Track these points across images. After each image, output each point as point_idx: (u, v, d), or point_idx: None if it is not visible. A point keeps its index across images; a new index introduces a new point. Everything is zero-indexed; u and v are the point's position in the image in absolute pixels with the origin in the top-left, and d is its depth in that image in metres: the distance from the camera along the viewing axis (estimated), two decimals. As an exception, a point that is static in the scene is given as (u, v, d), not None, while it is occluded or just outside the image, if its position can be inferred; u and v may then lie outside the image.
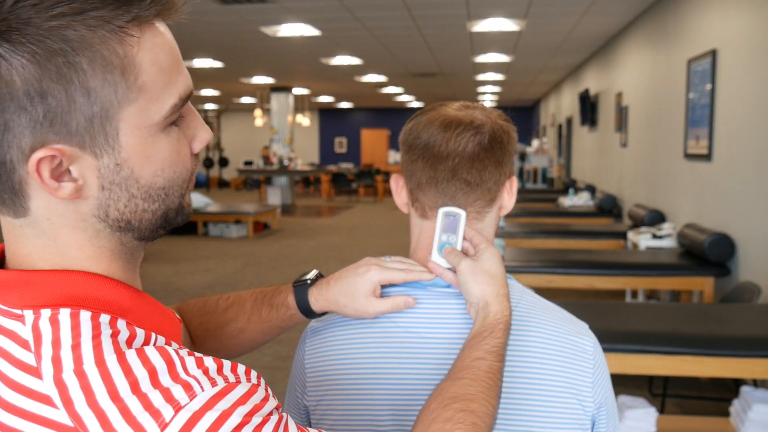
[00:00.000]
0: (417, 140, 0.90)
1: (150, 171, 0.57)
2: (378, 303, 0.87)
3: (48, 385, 0.50)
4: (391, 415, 0.86)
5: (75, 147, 0.54)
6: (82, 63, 0.52)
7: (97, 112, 0.53)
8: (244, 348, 0.95)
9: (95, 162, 0.55)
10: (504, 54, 9.57)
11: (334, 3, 6.23)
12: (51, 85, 0.51)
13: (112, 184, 0.56)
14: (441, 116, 0.90)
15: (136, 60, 0.54)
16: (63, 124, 0.52)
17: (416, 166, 0.90)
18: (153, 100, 0.56)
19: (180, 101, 0.58)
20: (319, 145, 23.17)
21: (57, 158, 0.53)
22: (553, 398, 0.84)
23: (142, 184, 0.57)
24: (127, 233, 0.59)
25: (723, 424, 2.85)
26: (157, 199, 0.59)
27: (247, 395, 0.52)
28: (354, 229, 11.10)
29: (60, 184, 0.54)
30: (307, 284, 0.91)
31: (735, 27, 4.07)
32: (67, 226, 0.57)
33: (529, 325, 0.88)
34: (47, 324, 0.52)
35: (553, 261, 4.16)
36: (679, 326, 2.81)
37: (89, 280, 0.56)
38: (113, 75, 0.53)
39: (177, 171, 0.60)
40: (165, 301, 0.66)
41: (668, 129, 5.42)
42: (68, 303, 0.54)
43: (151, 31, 0.55)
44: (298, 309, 0.91)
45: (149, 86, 0.55)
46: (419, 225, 0.94)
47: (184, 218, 0.63)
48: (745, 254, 3.85)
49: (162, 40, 0.57)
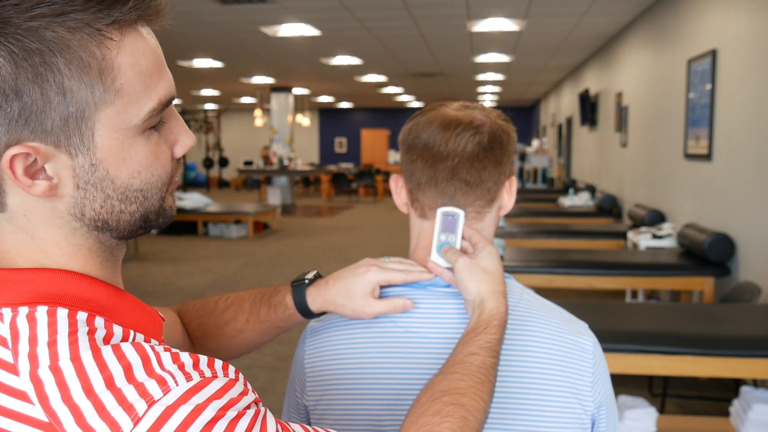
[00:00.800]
0: (416, 140, 0.90)
1: (126, 173, 0.58)
2: (376, 304, 0.87)
3: (24, 381, 0.51)
4: (391, 414, 0.86)
5: (50, 146, 0.54)
6: (58, 63, 0.52)
7: (73, 112, 0.54)
8: (243, 348, 0.95)
9: (70, 161, 0.55)
10: (504, 54, 9.57)
11: (334, 3, 6.23)
12: (27, 84, 0.52)
13: (87, 184, 0.56)
14: (441, 116, 0.90)
15: (114, 63, 0.54)
16: (38, 122, 0.53)
17: (416, 166, 0.90)
18: (131, 103, 0.56)
19: (160, 105, 0.58)
20: (319, 145, 23.17)
21: (31, 156, 0.54)
22: (552, 397, 0.84)
23: (118, 186, 0.58)
24: (105, 232, 0.60)
25: (723, 424, 2.85)
26: (134, 201, 0.59)
27: (223, 390, 0.53)
28: (354, 229, 11.10)
29: (34, 181, 0.54)
30: (305, 284, 0.92)
31: (735, 27, 4.07)
32: (44, 223, 0.57)
33: (529, 325, 0.88)
34: (24, 321, 0.52)
35: (553, 261, 4.16)
36: (679, 326, 2.81)
37: (67, 277, 0.57)
38: (90, 77, 0.53)
39: (155, 174, 0.60)
40: (165, 302, 0.66)
41: (668, 129, 5.42)
42: (46, 301, 0.54)
43: (132, 35, 0.56)
44: (296, 309, 0.91)
45: (127, 89, 0.55)
46: (419, 225, 0.94)
47: (166, 220, 0.63)
48: (745, 254, 3.85)
49: (143, 44, 0.57)
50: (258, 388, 3.87)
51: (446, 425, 0.67)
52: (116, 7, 0.54)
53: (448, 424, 0.67)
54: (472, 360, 0.75)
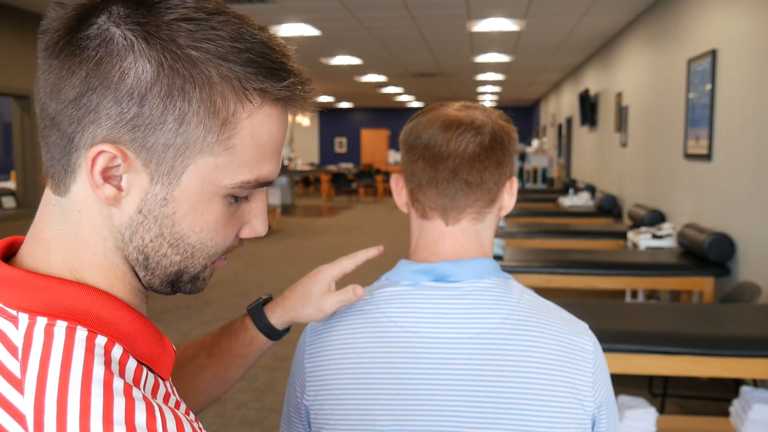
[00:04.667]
0: (417, 140, 0.90)
1: (189, 223, 0.57)
2: (332, 296, 0.90)
3: (27, 404, 0.49)
4: (391, 414, 0.86)
5: (139, 160, 0.54)
6: (193, 96, 0.53)
7: (179, 143, 0.54)
8: (210, 388, 0.91)
9: (148, 185, 0.55)
10: (504, 54, 9.57)
11: (334, 3, 6.23)
12: (155, 98, 0.52)
13: (150, 213, 0.56)
14: (441, 116, 0.90)
15: (240, 123, 0.55)
16: (143, 135, 0.53)
17: (417, 167, 0.90)
18: (232, 165, 0.56)
19: (255, 182, 0.58)
20: (319, 145, 23.17)
21: (117, 159, 0.53)
22: (553, 398, 0.84)
23: (176, 231, 0.57)
24: (141, 270, 0.59)
25: (723, 424, 2.85)
26: (181, 253, 0.58)
27: None
28: (354, 229, 11.10)
29: (105, 183, 0.54)
30: (261, 302, 0.93)
31: (735, 27, 4.07)
32: (93, 225, 0.57)
33: (529, 325, 0.88)
34: (41, 334, 0.51)
35: (553, 261, 4.16)
36: (679, 326, 2.81)
37: (93, 295, 0.55)
38: (212, 122, 0.54)
39: (214, 239, 0.59)
40: (165, 302, 0.65)
41: (668, 129, 5.42)
42: (66, 316, 0.53)
43: (270, 109, 0.57)
44: (257, 329, 0.91)
45: (237, 152, 0.56)
46: (419, 225, 0.94)
47: (194, 289, 0.63)
48: (745, 254, 3.85)
49: (274, 123, 0.58)
50: (258, 389, 3.87)
51: None
52: (271, 79, 0.55)
53: None
54: None
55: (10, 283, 0.54)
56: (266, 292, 0.98)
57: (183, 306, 5.68)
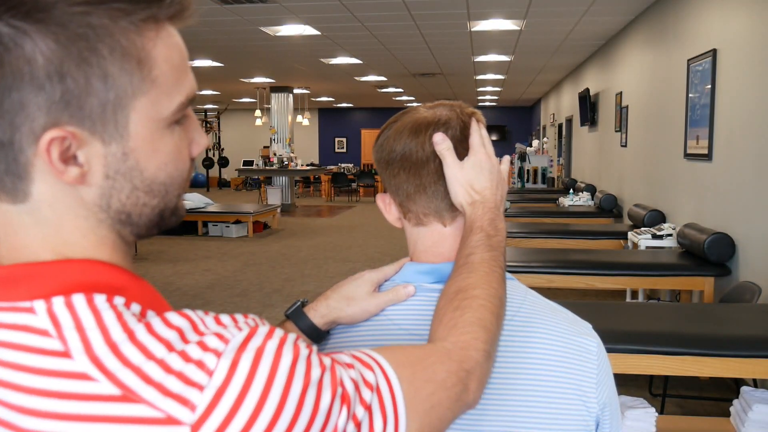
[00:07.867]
0: (392, 154, 0.90)
1: (154, 164, 0.59)
2: (379, 296, 0.89)
3: (81, 362, 0.50)
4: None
5: (86, 131, 0.54)
6: (102, 49, 0.53)
7: (111, 98, 0.54)
8: None
9: (103, 149, 0.56)
10: (504, 54, 9.57)
11: (334, 3, 6.23)
12: (71, 68, 0.52)
13: (116, 174, 0.57)
14: (408, 123, 0.90)
15: (151, 54, 0.56)
16: (78, 107, 0.53)
17: (400, 179, 0.90)
18: (163, 94, 0.57)
19: (187, 100, 0.60)
20: (319, 145, 23.17)
21: (67, 140, 0.54)
22: (557, 399, 0.84)
23: (146, 177, 0.58)
24: (127, 227, 0.60)
25: (723, 424, 2.84)
26: (157, 195, 0.60)
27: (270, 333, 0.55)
28: (354, 229, 11.10)
29: (67, 167, 0.54)
30: (298, 304, 0.92)
31: (735, 27, 4.07)
32: (70, 213, 0.57)
33: (533, 326, 0.88)
34: (64, 309, 0.52)
35: (553, 261, 4.16)
36: (679, 326, 2.81)
37: (97, 267, 0.57)
38: (130, 64, 0.55)
39: (178, 168, 0.61)
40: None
41: (668, 129, 5.42)
42: (79, 289, 0.54)
43: (165, 30, 0.58)
44: (299, 330, 0.90)
45: (161, 81, 0.57)
46: (415, 233, 0.93)
47: (177, 219, 0.65)
48: (745, 254, 3.85)
49: (174, 40, 0.59)
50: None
51: (468, 315, 0.74)
52: (154, 3, 0.56)
53: (469, 313, 0.74)
54: (472, 259, 0.81)
55: (10, 280, 0.55)
56: (265, 292, 0.97)
57: (182, 306, 5.66)
